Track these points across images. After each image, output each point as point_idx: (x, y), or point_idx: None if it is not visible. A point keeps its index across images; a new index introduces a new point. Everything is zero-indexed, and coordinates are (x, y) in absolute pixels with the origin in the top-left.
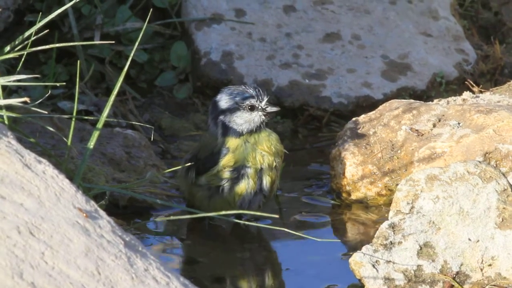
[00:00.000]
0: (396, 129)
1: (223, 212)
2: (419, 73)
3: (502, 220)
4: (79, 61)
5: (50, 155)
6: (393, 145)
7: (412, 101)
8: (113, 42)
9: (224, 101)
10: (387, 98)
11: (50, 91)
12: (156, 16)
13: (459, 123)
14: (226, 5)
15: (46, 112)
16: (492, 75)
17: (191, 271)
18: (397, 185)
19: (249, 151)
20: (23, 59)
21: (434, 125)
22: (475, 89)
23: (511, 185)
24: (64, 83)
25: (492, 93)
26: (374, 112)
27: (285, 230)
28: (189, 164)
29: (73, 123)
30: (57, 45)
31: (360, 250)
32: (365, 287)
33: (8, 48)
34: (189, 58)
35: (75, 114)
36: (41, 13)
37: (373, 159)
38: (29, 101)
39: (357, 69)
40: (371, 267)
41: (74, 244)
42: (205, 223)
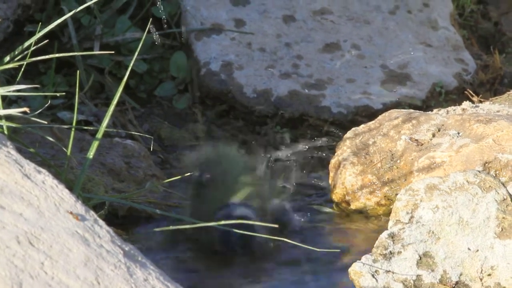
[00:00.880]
0: (395, 139)
1: (223, 222)
2: (418, 83)
3: (502, 230)
4: (78, 71)
5: (49, 165)
6: (392, 154)
7: (412, 111)
8: (113, 52)
9: None
10: (386, 108)
11: (49, 101)
12: (156, 26)
13: (458, 133)
14: (226, 15)
15: (46, 122)
16: (492, 84)
17: (191, 281)
18: (396, 194)
19: None
20: (22, 69)
21: (434, 135)
22: (475, 98)
23: (510, 195)
24: (64, 93)
25: (491, 102)
26: (373, 122)
27: (284, 239)
28: None
29: (72, 133)
30: (57, 55)
31: (360, 259)
32: None
33: (7, 58)
34: (188, 68)
35: (74, 124)
36: (40, 23)
37: (373, 168)
38: (28, 111)
39: (356, 79)
40: (371, 277)
41: (73, 254)
42: None
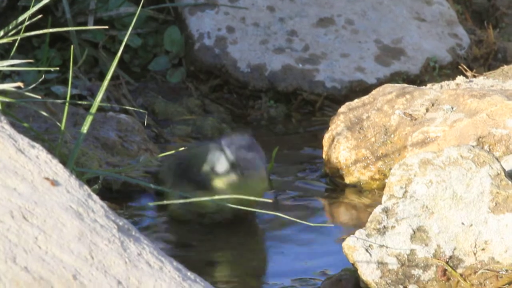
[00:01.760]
0: (389, 114)
1: (217, 197)
2: (412, 57)
3: (496, 205)
4: (72, 46)
5: (43, 139)
6: (386, 129)
7: (406, 85)
8: (107, 27)
9: None
10: (380, 83)
11: (43, 76)
12: (149, 1)
13: (452, 108)
14: None
15: (40, 97)
16: (486, 59)
17: (184, 256)
18: (390, 169)
19: None
20: (16, 44)
21: (428, 110)
22: (469, 73)
23: (504, 170)
24: (58, 68)
25: (485, 77)
26: (367, 96)
27: (278, 214)
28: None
29: (66, 107)
30: (51, 30)
31: (354, 234)
32: (359, 271)
33: (1, 33)
34: (182, 43)
35: (68, 98)
36: None
37: (367, 143)
38: (22, 86)
39: (350, 54)
40: (365, 251)
41: (67, 229)
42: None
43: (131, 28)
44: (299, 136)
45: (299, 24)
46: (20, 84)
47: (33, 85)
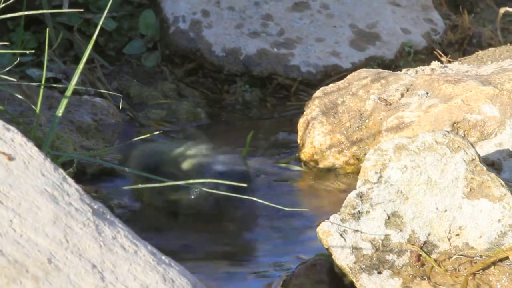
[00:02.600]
0: (364, 99)
1: (191, 181)
2: (387, 42)
3: (470, 190)
4: (47, 29)
5: (18, 122)
6: (361, 114)
7: (381, 70)
8: (82, 10)
9: None
10: (355, 68)
11: (18, 59)
12: None
13: (427, 93)
14: None
15: (15, 80)
16: (461, 45)
17: (159, 240)
18: (365, 154)
19: None
20: None
21: (402, 95)
22: (444, 58)
23: (479, 155)
24: (33, 51)
25: (460, 63)
26: (342, 81)
27: (253, 198)
28: None
29: (41, 90)
30: (26, 12)
31: (328, 219)
32: (333, 256)
33: None
34: (157, 27)
35: (43, 81)
36: None
37: (341, 128)
38: None
39: (325, 38)
40: (339, 236)
41: (42, 212)
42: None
43: (106, 11)
44: (274, 121)
45: (274, 8)
46: None
47: (8, 68)
